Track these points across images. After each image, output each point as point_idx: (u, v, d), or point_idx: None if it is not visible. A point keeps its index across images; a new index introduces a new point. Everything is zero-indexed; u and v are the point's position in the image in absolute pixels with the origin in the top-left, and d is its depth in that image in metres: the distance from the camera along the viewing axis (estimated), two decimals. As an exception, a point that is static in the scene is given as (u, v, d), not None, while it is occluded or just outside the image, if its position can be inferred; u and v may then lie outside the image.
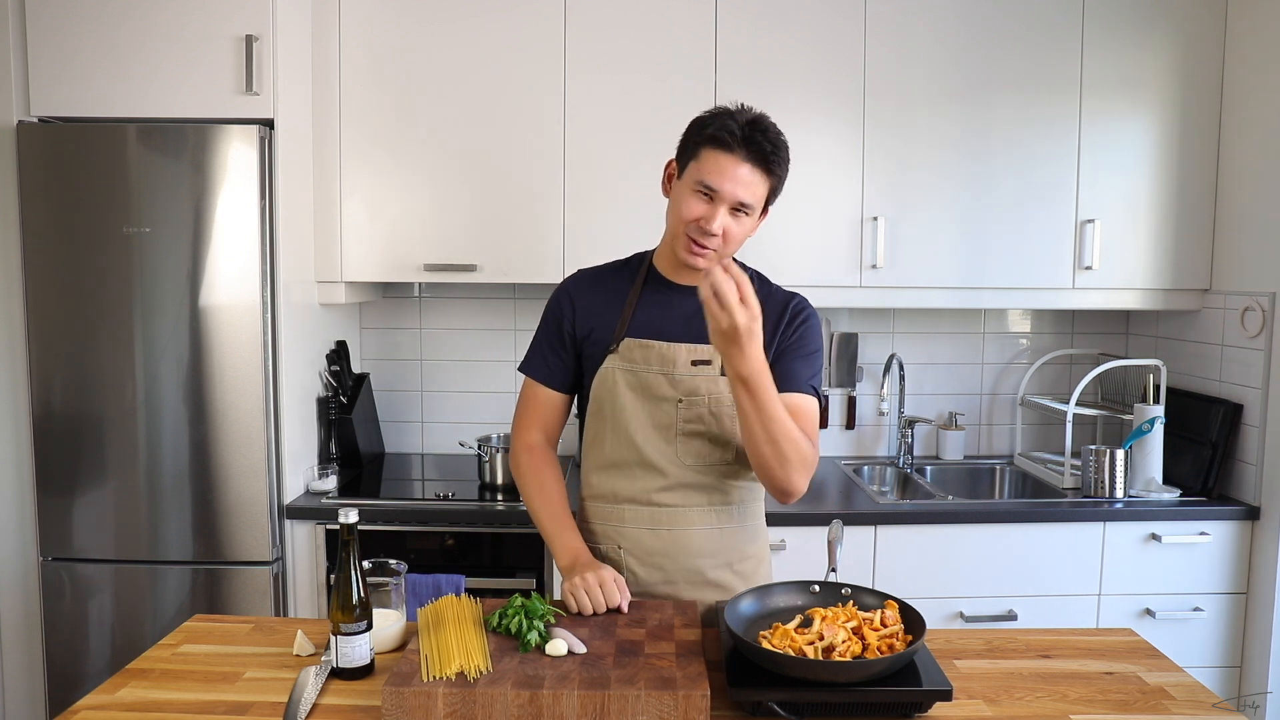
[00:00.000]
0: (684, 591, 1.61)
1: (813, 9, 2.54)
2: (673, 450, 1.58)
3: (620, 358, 1.58)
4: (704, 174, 1.47)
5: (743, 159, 1.46)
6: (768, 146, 1.46)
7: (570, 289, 1.66)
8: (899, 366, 2.92)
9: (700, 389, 1.57)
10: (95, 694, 1.34)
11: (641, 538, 1.60)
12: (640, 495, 1.60)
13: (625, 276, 1.65)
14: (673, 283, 1.61)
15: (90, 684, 2.23)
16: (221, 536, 2.31)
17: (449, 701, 1.21)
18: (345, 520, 1.37)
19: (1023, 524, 2.40)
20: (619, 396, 1.58)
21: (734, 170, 1.46)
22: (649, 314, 1.59)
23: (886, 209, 2.58)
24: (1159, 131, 2.59)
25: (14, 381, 2.33)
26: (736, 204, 1.47)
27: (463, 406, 2.99)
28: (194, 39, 2.25)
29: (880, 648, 1.31)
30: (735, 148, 1.45)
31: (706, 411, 1.57)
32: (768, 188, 1.50)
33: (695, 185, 1.48)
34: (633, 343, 1.58)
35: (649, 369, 1.57)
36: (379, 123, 2.53)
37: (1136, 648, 1.53)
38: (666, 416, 1.57)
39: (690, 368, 1.56)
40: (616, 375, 1.58)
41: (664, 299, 1.60)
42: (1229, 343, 2.55)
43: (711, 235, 1.48)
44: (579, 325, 1.62)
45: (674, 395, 1.57)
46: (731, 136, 1.45)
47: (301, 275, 2.48)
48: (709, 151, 1.47)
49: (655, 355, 1.57)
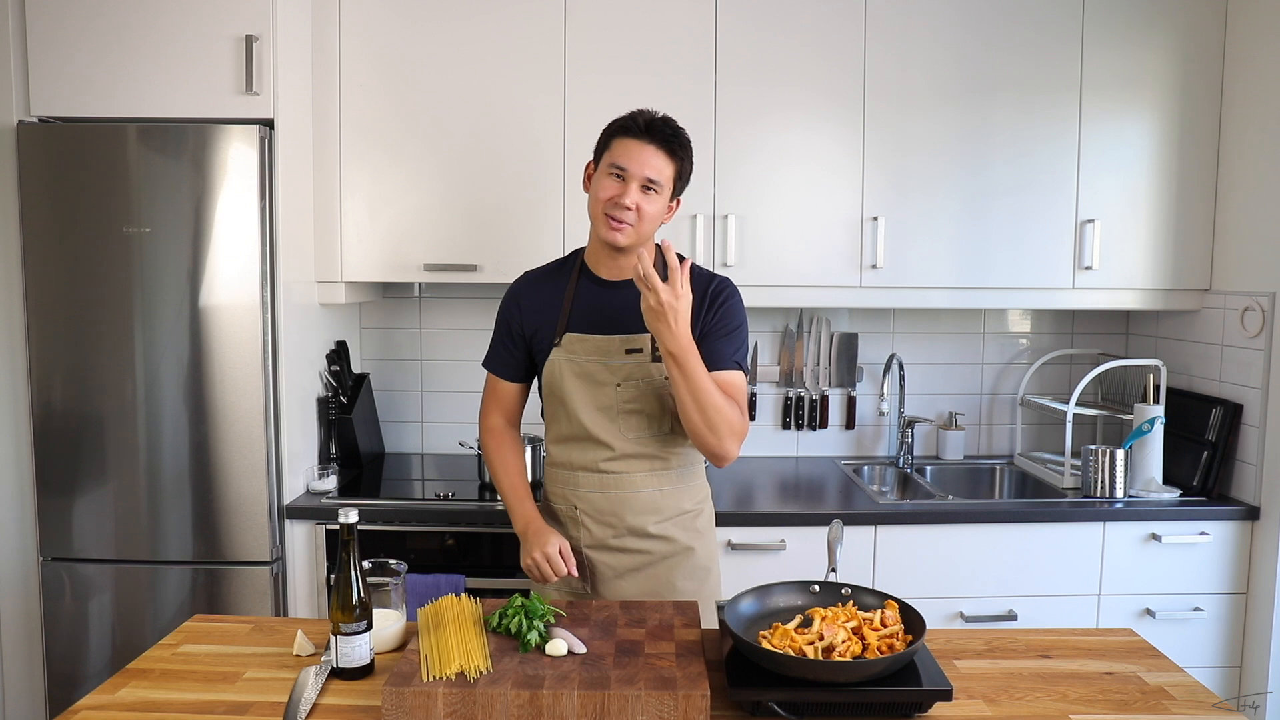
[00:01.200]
0: (630, 543, 1.80)
1: (813, 9, 2.54)
2: (615, 426, 1.77)
3: (564, 350, 1.78)
4: (615, 158, 1.70)
5: (647, 142, 1.68)
6: (669, 132, 1.70)
7: (517, 292, 1.87)
8: (899, 366, 2.92)
9: (635, 374, 1.76)
10: (95, 694, 1.34)
11: (594, 499, 1.80)
12: (590, 464, 1.80)
13: (563, 275, 1.85)
14: (603, 279, 1.80)
15: (90, 684, 2.24)
16: (221, 536, 2.31)
17: (449, 701, 1.21)
18: (345, 520, 1.37)
19: (1023, 524, 2.40)
20: (565, 383, 1.78)
21: (639, 152, 1.68)
22: (584, 309, 1.79)
23: (886, 209, 2.58)
24: (1159, 131, 2.59)
25: (14, 381, 2.33)
26: (645, 181, 1.68)
27: (463, 406, 2.99)
28: (194, 39, 2.25)
29: (880, 648, 1.31)
30: (640, 133, 1.68)
31: (640, 392, 1.76)
32: (673, 170, 1.71)
33: (608, 169, 1.70)
34: (573, 337, 1.78)
35: (589, 359, 1.76)
36: (379, 123, 2.53)
37: (1136, 648, 1.53)
38: (607, 398, 1.76)
39: (624, 355, 1.75)
40: (562, 365, 1.78)
41: (596, 294, 1.80)
42: (1229, 343, 2.55)
43: (626, 209, 1.68)
44: (526, 325, 1.84)
45: (612, 380, 1.76)
46: (636, 125, 1.69)
47: (301, 275, 2.48)
48: (618, 140, 1.71)
49: (592, 346, 1.76)
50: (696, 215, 2.56)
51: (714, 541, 1.92)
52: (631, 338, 1.75)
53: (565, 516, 1.84)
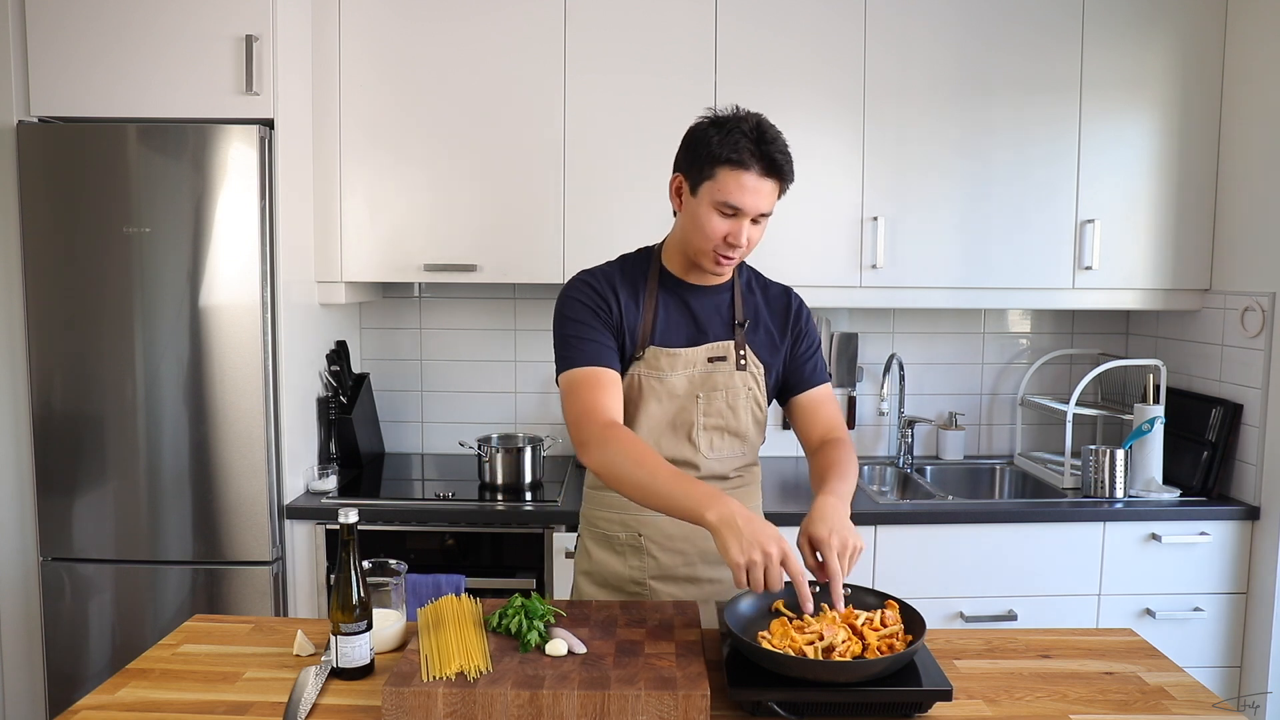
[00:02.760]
0: (702, 572, 1.69)
1: (813, 9, 2.54)
2: (694, 446, 1.64)
3: (646, 364, 1.62)
4: (725, 194, 1.49)
5: (760, 174, 1.48)
6: (780, 158, 1.49)
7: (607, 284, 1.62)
8: (899, 366, 2.92)
9: (719, 384, 1.64)
10: (95, 694, 1.34)
11: (662, 525, 1.66)
12: None
13: (638, 276, 1.65)
14: (686, 283, 1.65)
15: (90, 684, 2.24)
16: (221, 536, 2.31)
17: (449, 701, 1.21)
18: (345, 520, 1.37)
19: (1023, 524, 2.40)
20: (644, 400, 1.63)
21: (754, 186, 1.49)
22: (668, 318, 1.64)
23: (886, 209, 2.58)
24: (1159, 131, 2.59)
25: (14, 381, 2.33)
26: (759, 215, 1.52)
27: (463, 406, 2.99)
28: (194, 39, 2.25)
29: (880, 648, 1.31)
30: (752, 165, 1.47)
31: (724, 405, 1.65)
32: (780, 191, 1.55)
33: (717, 205, 1.51)
34: (659, 351, 1.62)
35: (673, 373, 1.63)
36: (379, 122, 2.53)
37: (1136, 648, 1.53)
38: (687, 414, 1.64)
39: (708, 365, 1.63)
40: (642, 380, 1.63)
41: (679, 301, 1.65)
42: (1229, 343, 2.55)
43: (739, 248, 1.53)
44: (623, 318, 1.61)
45: (693, 392, 1.64)
46: (749, 155, 1.47)
47: (301, 275, 2.48)
48: (726, 171, 1.48)
49: (680, 361, 1.63)
50: (696, 215, 2.55)
51: None
52: (715, 345, 1.64)
53: (624, 545, 1.68)
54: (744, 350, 1.65)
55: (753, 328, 1.68)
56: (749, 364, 1.65)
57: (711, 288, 1.66)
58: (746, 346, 1.66)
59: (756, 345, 1.67)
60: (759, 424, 1.70)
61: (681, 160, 1.57)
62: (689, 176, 1.55)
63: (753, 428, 1.69)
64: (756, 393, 1.67)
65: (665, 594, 1.68)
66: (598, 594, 1.72)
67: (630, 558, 1.68)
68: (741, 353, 1.65)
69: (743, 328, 1.66)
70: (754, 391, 1.66)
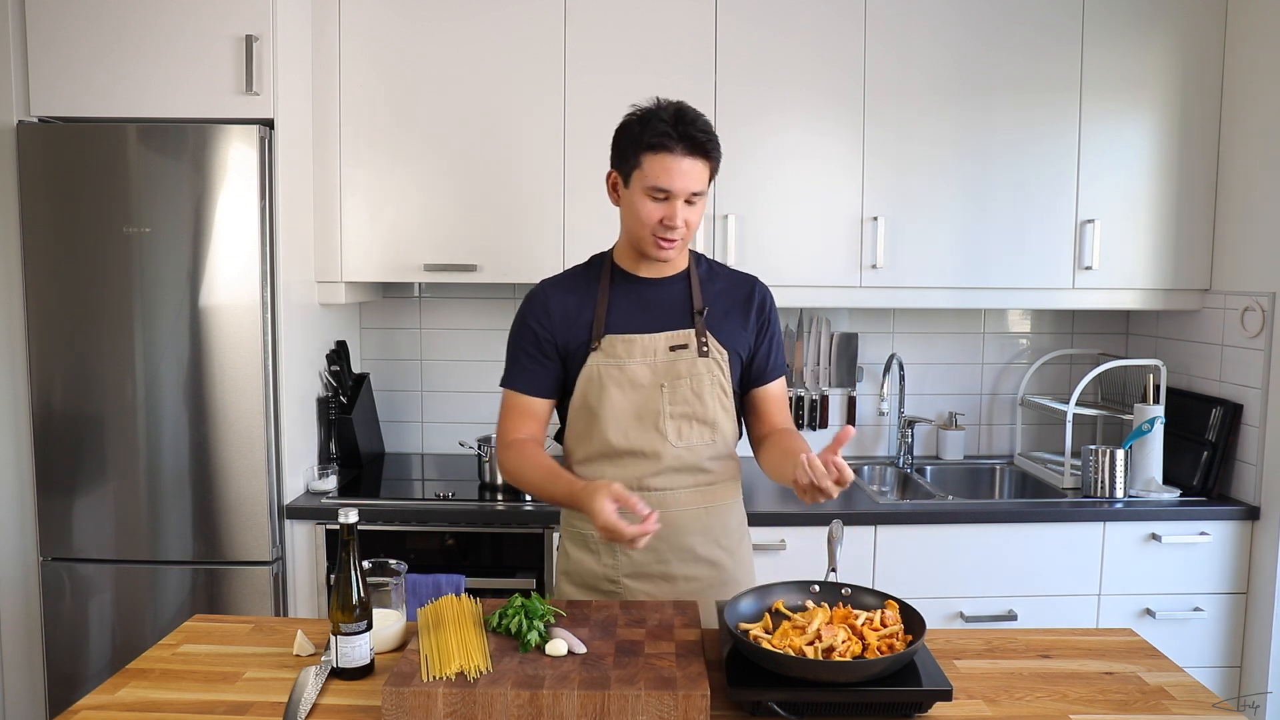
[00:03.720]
0: (676, 569, 1.68)
1: (813, 9, 2.54)
2: (661, 435, 1.65)
3: (603, 354, 1.65)
4: (653, 179, 1.56)
5: (683, 154, 1.55)
6: (700, 135, 1.56)
7: (541, 300, 1.70)
8: (899, 366, 2.92)
9: (682, 371, 1.65)
10: (95, 694, 1.34)
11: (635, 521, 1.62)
12: (631, 481, 1.65)
13: (591, 278, 1.72)
14: (638, 276, 1.70)
15: (90, 684, 2.24)
16: (221, 536, 2.31)
17: (449, 701, 1.21)
18: (345, 520, 1.37)
19: (1023, 524, 2.40)
20: (606, 390, 1.65)
21: (678, 167, 1.55)
22: (622, 309, 1.68)
23: (886, 209, 2.58)
24: (1159, 131, 2.59)
25: (14, 381, 2.33)
26: (689, 196, 1.57)
27: (463, 406, 2.99)
28: (194, 39, 2.25)
29: (880, 648, 1.31)
30: (674, 146, 1.55)
31: (689, 392, 1.65)
32: (709, 171, 1.60)
33: (648, 191, 1.57)
34: (615, 339, 1.65)
35: (631, 361, 1.65)
36: (379, 123, 2.53)
37: (1136, 648, 1.53)
38: (653, 403, 1.65)
39: (670, 353, 1.65)
40: (601, 371, 1.65)
41: (633, 292, 1.69)
42: (1229, 343, 2.55)
43: (675, 229, 1.58)
44: (557, 332, 1.68)
45: (656, 381, 1.65)
46: (666, 138, 1.54)
47: (301, 275, 2.48)
48: (650, 157, 1.56)
49: (637, 348, 1.65)
50: (696, 215, 2.55)
51: (754, 568, 1.82)
52: (675, 334, 1.66)
53: (598, 544, 1.69)
54: (705, 337, 1.66)
55: (714, 315, 1.69)
56: (711, 350, 1.66)
57: (667, 280, 1.70)
58: (708, 333, 1.67)
59: (718, 332, 1.68)
60: (727, 411, 1.70)
61: (613, 157, 1.65)
62: (620, 170, 1.63)
63: (722, 415, 1.68)
64: (722, 379, 1.67)
65: (640, 591, 1.69)
66: (576, 594, 1.73)
67: (604, 556, 1.69)
68: (703, 339, 1.66)
69: (702, 315, 1.67)
70: (719, 378, 1.67)
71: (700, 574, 1.69)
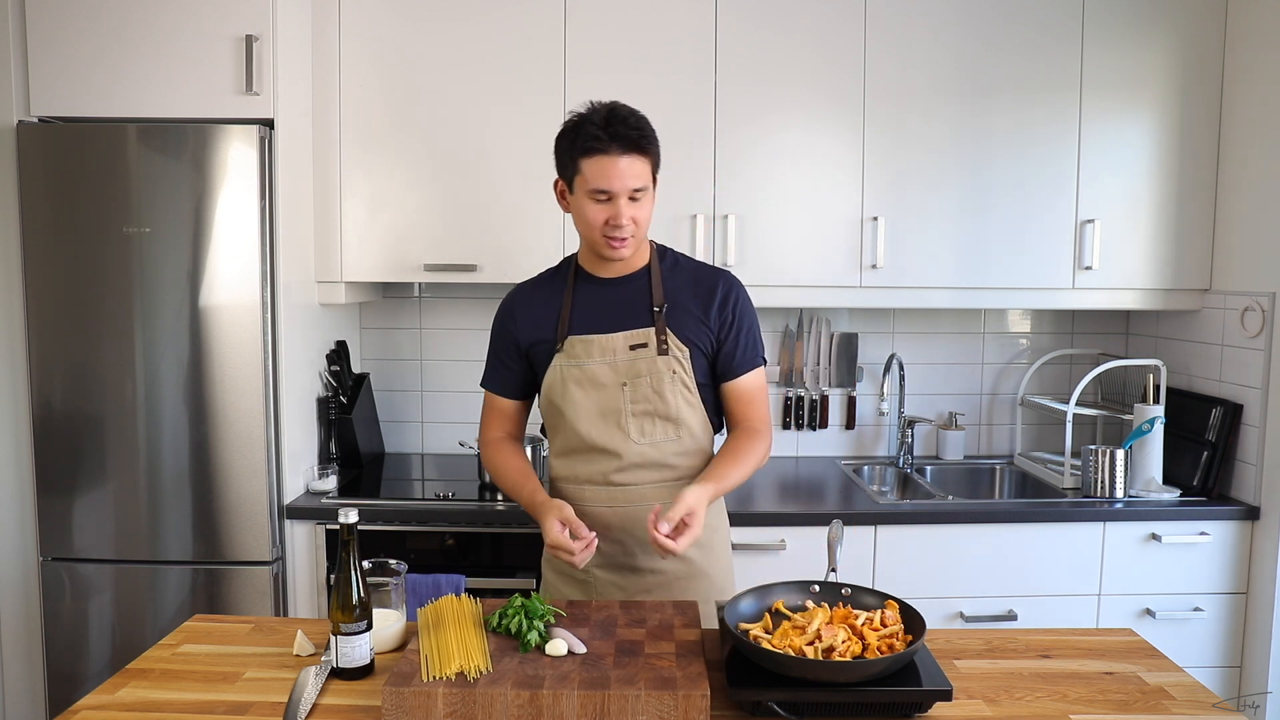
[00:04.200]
0: (642, 562, 1.73)
1: (813, 9, 2.54)
2: (624, 433, 1.69)
3: (566, 355, 1.70)
4: (593, 181, 1.60)
5: (618, 154, 1.58)
6: (632, 133, 1.59)
7: (510, 306, 1.79)
8: (899, 366, 2.92)
9: (641, 370, 1.68)
10: (95, 694, 1.34)
11: (601, 515, 1.71)
12: (598, 476, 1.71)
13: (557, 281, 1.78)
14: (599, 278, 1.74)
15: (90, 684, 2.24)
16: (221, 536, 2.31)
17: (449, 701, 1.21)
18: (345, 520, 1.37)
19: (1023, 524, 2.40)
20: (569, 390, 1.70)
21: (614, 168, 1.58)
22: (585, 311, 1.72)
23: (886, 209, 2.58)
24: (1159, 131, 2.59)
25: (14, 381, 2.33)
26: (631, 193, 1.60)
27: (463, 406, 2.99)
28: (194, 39, 2.25)
29: (880, 648, 1.31)
30: (607, 146, 1.57)
31: (650, 390, 1.68)
32: (650, 166, 1.63)
33: (590, 194, 1.61)
34: (575, 340, 1.70)
35: (591, 361, 1.69)
36: (379, 122, 2.53)
37: (1136, 648, 1.53)
38: (614, 401, 1.69)
39: (629, 352, 1.68)
40: (564, 371, 1.70)
41: (594, 294, 1.73)
42: (1229, 343, 2.55)
43: (622, 228, 1.61)
44: (522, 336, 1.76)
45: (617, 380, 1.68)
46: (598, 141, 1.58)
47: (301, 275, 2.48)
48: (586, 161, 1.60)
49: (596, 347, 1.69)
50: (696, 215, 2.55)
51: (730, 563, 1.84)
52: (635, 333, 1.69)
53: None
54: (665, 334, 1.68)
55: (674, 309, 1.70)
56: (670, 347, 1.68)
57: (626, 279, 1.72)
58: (667, 330, 1.69)
59: (678, 328, 1.69)
60: (692, 407, 1.71)
61: (556, 165, 1.69)
62: (564, 177, 1.67)
63: (686, 410, 1.70)
64: (683, 375, 1.69)
65: (609, 582, 1.74)
66: (557, 583, 1.79)
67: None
68: (662, 337, 1.68)
69: (660, 311, 1.69)
70: (680, 375, 1.69)
71: (666, 567, 1.72)
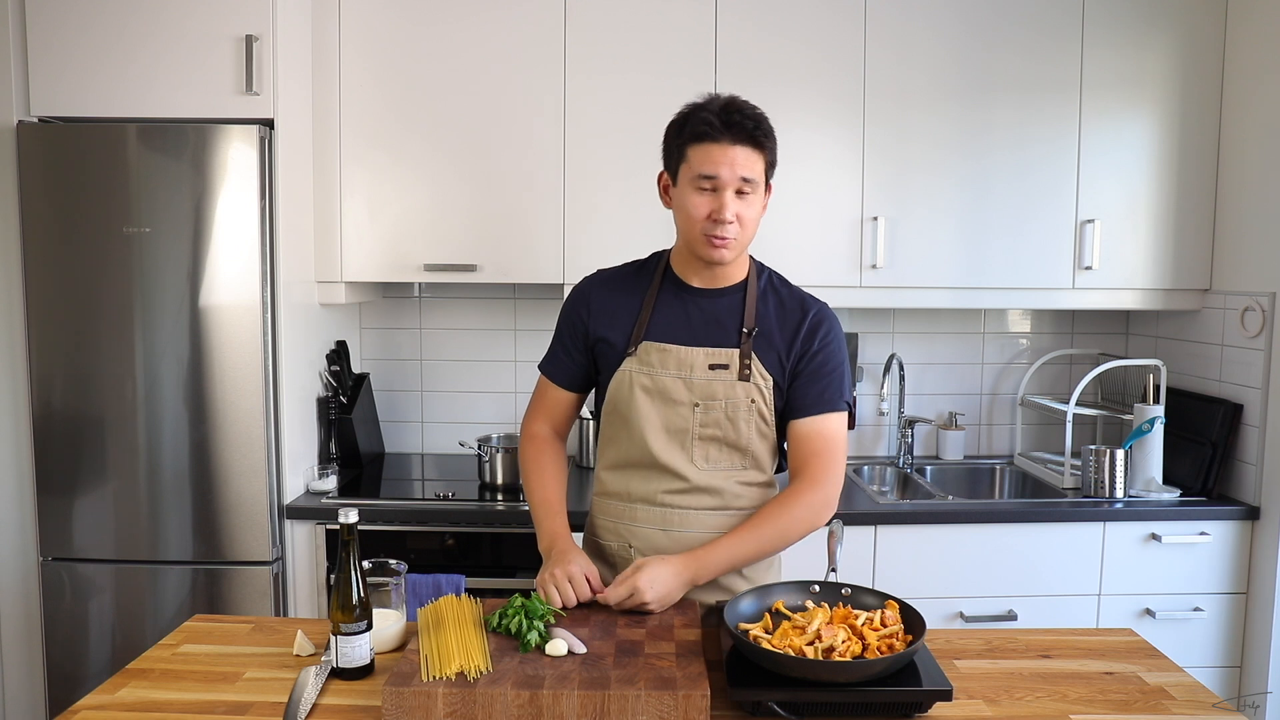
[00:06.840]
0: (695, 593, 1.57)
1: (813, 9, 2.54)
2: (687, 455, 1.58)
3: (638, 361, 1.59)
4: (698, 167, 1.50)
5: (730, 142, 1.48)
6: (749, 124, 1.49)
7: (587, 291, 1.67)
8: (899, 366, 2.92)
9: (718, 393, 1.57)
10: (95, 694, 1.34)
11: (653, 537, 1.62)
12: (653, 496, 1.61)
13: (643, 278, 1.65)
14: (689, 285, 1.62)
15: (90, 684, 2.23)
16: (221, 536, 2.31)
17: (449, 701, 1.21)
18: (345, 520, 1.37)
19: (1023, 524, 2.40)
20: (635, 399, 1.58)
21: (726, 154, 1.48)
22: (666, 317, 1.60)
23: (886, 209, 2.58)
24: (1159, 131, 2.59)
25: (14, 381, 2.33)
26: (740, 184, 1.49)
27: (463, 406, 2.99)
28: (194, 39, 2.25)
29: (880, 648, 1.31)
30: (719, 134, 1.48)
31: (723, 416, 1.57)
32: (763, 162, 1.52)
33: (694, 182, 1.51)
34: (650, 346, 1.58)
35: (666, 373, 1.57)
36: (379, 123, 2.53)
37: (1136, 648, 1.53)
38: (682, 420, 1.58)
39: (708, 371, 1.57)
40: (633, 378, 1.59)
41: (681, 302, 1.61)
42: (1229, 343, 2.55)
43: (727, 224, 1.50)
44: (594, 328, 1.64)
45: (690, 399, 1.57)
46: (711, 126, 1.48)
47: (301, 275, 2.48)
48: (695, 148, 1.50)
49: (673, 359, 1.57)
50: (696, 215, 2.55)
51: None
52: (717, 351, 1.56)
53: (616, 555, 1.65)
54: (750, 359, 1.56)
55: (763, 336, 1.59)
56: (754, 374, 1.56)
57: (720, 292, 1.60)
58: (753, 355, 1.57)
59: (763, 354, 1.58)
60: (765, 439, 1.61)
61: (663, 156, 1.60)
62: (669, 168, 1.58)
63: (757, 442, 1.60)
64: (762, 406, 1.58)
65: None
66: None
67: (621, 568, 1.60)
68: (746, 361, 1.56)
69: (750, 335, 1.57)
70: (759, 404, 1.57)
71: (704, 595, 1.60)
